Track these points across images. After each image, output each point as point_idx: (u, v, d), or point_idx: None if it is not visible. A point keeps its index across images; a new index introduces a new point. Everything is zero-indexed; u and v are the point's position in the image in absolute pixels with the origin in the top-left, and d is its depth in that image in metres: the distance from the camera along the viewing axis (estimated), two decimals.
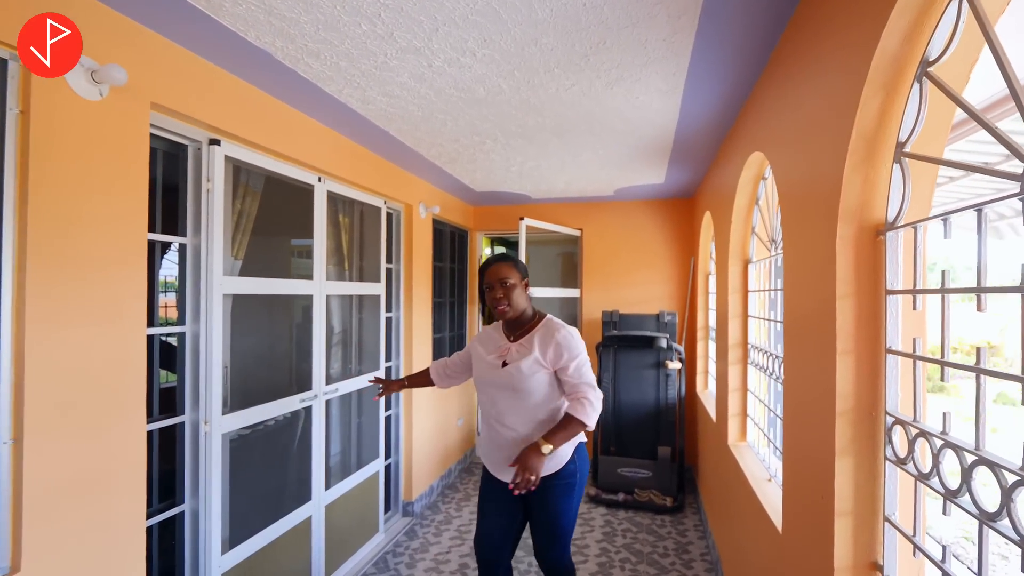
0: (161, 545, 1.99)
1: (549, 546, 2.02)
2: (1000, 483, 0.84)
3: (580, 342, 1.96)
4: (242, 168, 2.30)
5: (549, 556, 2.04)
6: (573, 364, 1.90)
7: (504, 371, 1.96)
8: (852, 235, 1.25)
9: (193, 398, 2.05)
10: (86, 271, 1.55)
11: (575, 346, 1.92)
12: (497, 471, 2.04)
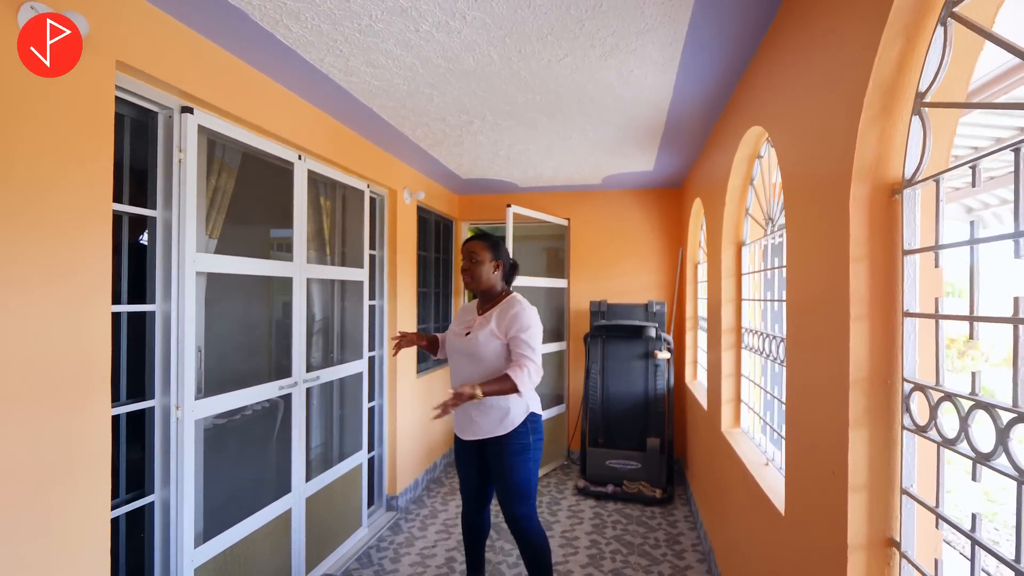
0: (129, 538, 1.85)
1: (508, 502, 2.25)
2: None
3: (533, 319, 2.19)
4: (217, 142, 2.18)
5: (511, 514, 2.26)
6: (521, 336, 2.13)
7: (466, 339, 2.24)
8: (866, 195, 1.19)
9: (164, 381, 1.92)
10: (43, 237, 1.42)
11: (526, 321, 2.16)
12: (461, 431, 2.32)
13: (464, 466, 2.40)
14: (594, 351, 4.21)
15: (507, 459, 2.22)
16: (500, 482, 2.26)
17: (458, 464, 2.43)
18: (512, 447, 2.22)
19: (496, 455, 2.24)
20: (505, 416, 2.21)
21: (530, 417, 2.26)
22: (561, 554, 3.04)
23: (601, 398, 4.16)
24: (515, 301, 2.25)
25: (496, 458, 2.25)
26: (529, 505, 2.27)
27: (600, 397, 4.16)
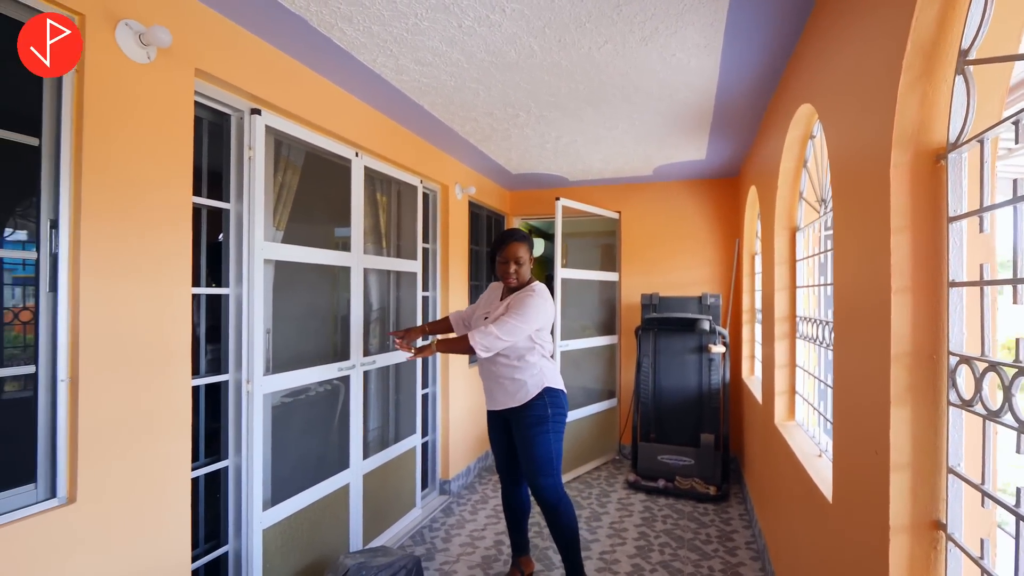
0: (207, 497, 2.06)
1: (530, 472, 2.37)
2: None
3: (538, 309, 2.30)
4: (283, 142, 2.37)
5: (534, 484, 2.36)
6: (512, 312, 2.28)
7: (485, 321, 2.36)
8: (908, 162, 1.15)
9: (236, 358, 2.12)
10: (134, 228, 1.62)
11: (528, 306, 2.29)
12: (488, 402, 2.52)
13: (494, 440, 2.57)
14: (645, 345, 4.16)
15: (525, 431, 2.36)
16: (522, 453, 2.39)
17: (490, 438, 2.60)
18: (529, 419, 2.36)
19: (517, 426, 2.40)
20: (520, 388, 2.36)
21: (546, 391, 2.38)
22: (609, 544, 3.04)
23: (653, 392, 4.11)
24: (533, 289, 2.39)
25: (517, 429, 2.40)
26: (552, 475, 2.36)
27: (651, 391, 4.11)
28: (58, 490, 1.46)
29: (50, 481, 1.46)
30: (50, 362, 1.46)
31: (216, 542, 2.11)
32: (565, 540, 2.37)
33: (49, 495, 1.46)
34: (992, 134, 0.97)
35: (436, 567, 2.77)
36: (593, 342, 4.35)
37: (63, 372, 1.47)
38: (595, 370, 4.48)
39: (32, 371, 1.45)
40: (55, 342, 1.46)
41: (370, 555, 2.34)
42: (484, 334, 2.22)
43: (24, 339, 1.52)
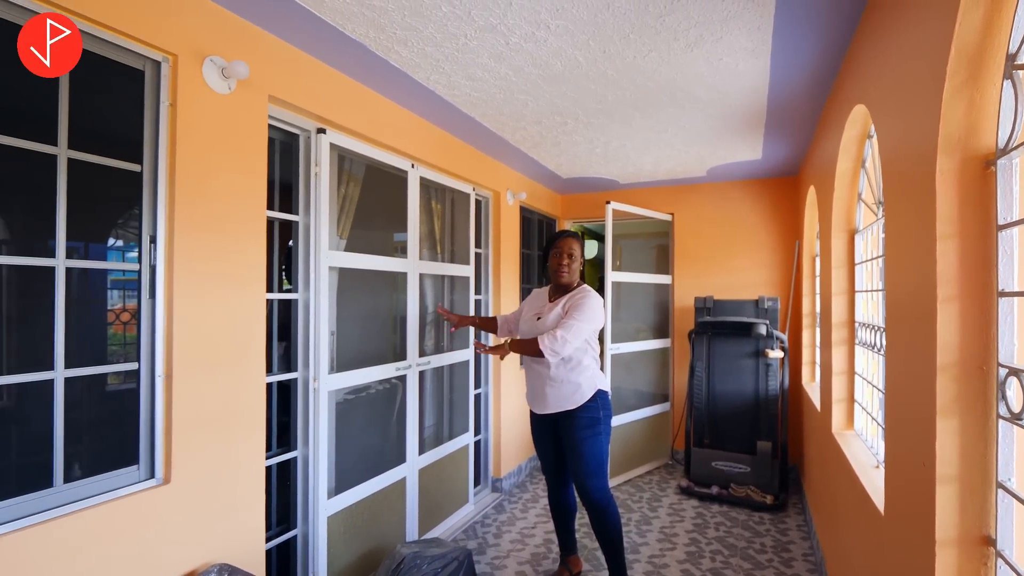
0: (279, 484, 2.26)
1: (580, 474, 2.39)
2: None
3: (595, 310, 2.37)
4: (345, 157, 2.55)
5: (583, 486, 2.38)
6: (574, 314, 2.32)
7: (538, 322, 2.46)
8: (954, 168, 1.12)
9: (304, 358, 2.31)
10: (217, 240, 1.83)
11: (587, 308, 2.34)
12: (535, 405, 2.53)
13: (540, 441, 2.60)
14: (699, 349, 4.09)
15: (578, 432, 2.38)
16: (572, 455, 2.41)
17: (535, 441, 2.63)
18: (583, 420, 2.38)
19: (568, 429, 2.41)
20: (576, 390, 2.38)
21: (599, 393, 2.42)
22: (658, 548, 3.04)
23: (706, 397, 4.04)
24: (586, 290, 2.46)
25: (568, 432, 2.41)
26: (601, 478, 2.40)
27: (705, 396, 4.04)
28: (156, 472, 1.68)
29: (149, 464, 1.68)
30: (149, 360, 1.68)
31: (287, 526, 2.31)
32: (611, 542, 2.40)
33: (148, 476, 1.67)
34: None
35: (487, 561, 2.88)
36: (645, 345, 4.33)
37: (160, 369, 1.68)
38: (647, 373, 4.45)
39: (135, 367, 1.67)
40: (153, 342, 1.68)
41: (425, 546, 2.47)
42: (553, 339, 2.25)
43: (124, 337, 1.75)
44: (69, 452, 1.51)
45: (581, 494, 2.42)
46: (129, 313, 1.73)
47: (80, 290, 1.63)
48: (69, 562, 1.42)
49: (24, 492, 1.41)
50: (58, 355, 1.49)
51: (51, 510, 1.43)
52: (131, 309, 1.72)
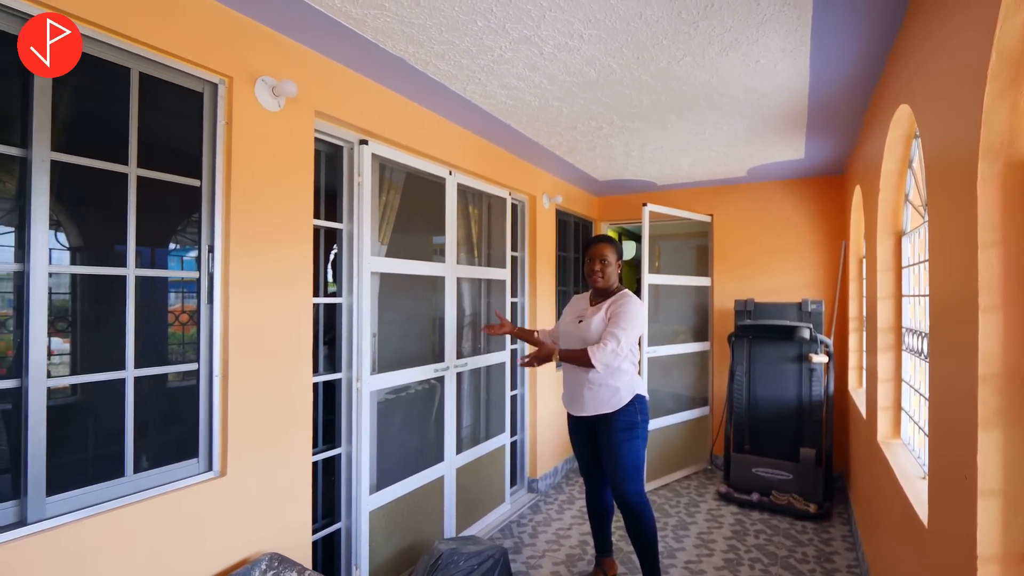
0: (325, 479, 2.38)
1: (617, 478, 2.40)
2: None
3: (638, 315, 2.38)
4: (386, 165, 2.65)
5: (620, 489, 2.39)
6: (619, 323, 2.33)
7: (580, 326, 2.48)
8: (997, 174, 1.10)
9: (348, 359, 2.43)
10: (268, 248, 1.95)
11: (630, 315, 2.35)
12: (572, 407, 2.54)
13: (577, 443, 2.62)
14: (739, 352, 4.02)
15: (615, 435, 2.39)
16: (609, 457, 2.42)
17: (573, 443, 2.65)
18: (620, 423, 2.39)
19: (605, 432, 2.42)
20: (614, 394, 2.39)
21: (637, 398, 2.42)
22: (695, 554, 3.01)
23: (747, 402, 3.96)
24: (629, 296, 2.46)
25: (605, 435, 2.42)
26: (637, 481, 2.40)
27: (745, 401, 3.96)
28: (213, 464, 1.81)
29: (208, 457, 1.81)
30: (208, 360, 1.81)
31: (331, 519, 2.43)
32: (645, 546, 2.41)
33: (207, 468, 1.81)
34: None
35: (523, 560, 2.93)
36: (684, 348, 4.28)
37: (217, 369, 1.81)
38: (686, 377, 4.40)
39: (195, 368, 1.80)
40: (211, 344, 1.81)
41: (462, 543, 2.55)
42: (603, 351, 2.27)
43: (182, 336, 1.88)
44: (137, 445, 1.66)
45: (617, 497, 2.42)
46: (187, 315, 1.87)
47: (146, 295, 1.78)
48: (138, 545, 1.56)
49: (99, 481, 1.56)
50: (128, 355, 1.63)
51: (123, 497, 1.58)
52: (189, 310, 1.85)
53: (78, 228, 1.64)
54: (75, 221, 1.63)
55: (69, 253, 1.62)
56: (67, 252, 1.61)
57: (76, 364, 1.61)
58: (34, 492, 1.42)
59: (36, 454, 1.43)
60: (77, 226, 1.64)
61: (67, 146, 1.50)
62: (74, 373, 1.59)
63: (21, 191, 1.44)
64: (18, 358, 1.43)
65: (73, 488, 1.50)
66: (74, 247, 1.63)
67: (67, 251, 1.61)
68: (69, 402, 1.60)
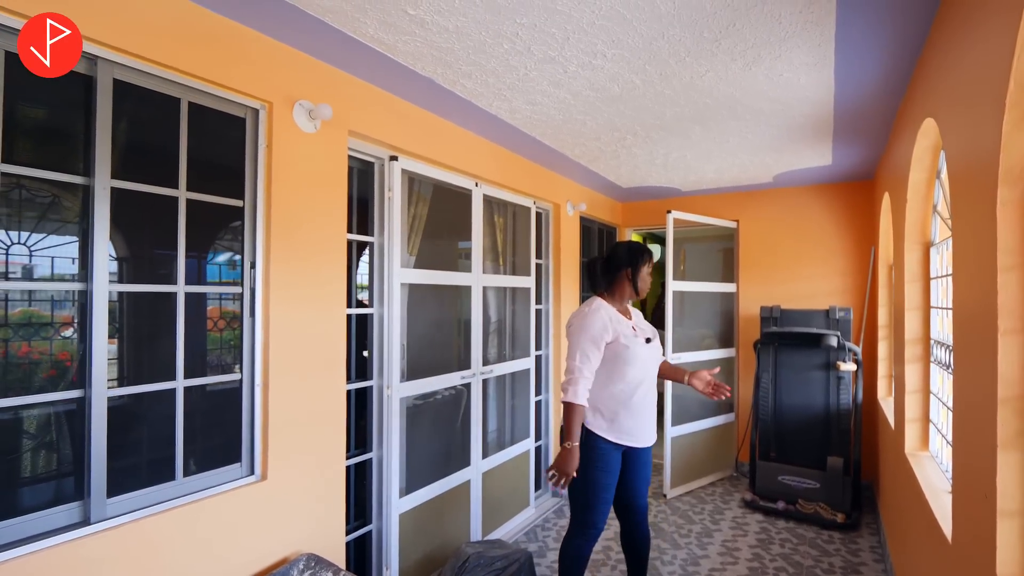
0: (357, 483, 2.49)
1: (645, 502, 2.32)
2: None
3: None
4: (415, 179, 2.75)
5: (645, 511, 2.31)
6: None
7: (654, 345, 2.26)
8: (1016, 199, 1.11)
9: (379, 368, 2.52)
10: (306, 262, 2.05)
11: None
12: (644, 437, 2.22)
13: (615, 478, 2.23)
14: (765, 359, 3.99)
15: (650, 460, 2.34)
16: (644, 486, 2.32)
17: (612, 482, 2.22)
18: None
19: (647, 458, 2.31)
20: None
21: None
22: (719, 562, 3.02)
23: (773, 409, 3.93)
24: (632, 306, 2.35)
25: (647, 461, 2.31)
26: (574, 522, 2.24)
27: (771, 408, 3.93)
28: (255, 469, 1.92)
29: (250, 462, 1.92)
30: (250, 370, 1.92)
31: (363, 521, 2.53)
32: None
33: (249, 472, 1.92)
34: None
35: (547, 564, 2.98)
36: (709, 355, 4.27)
37: (259, 378, 1.92)
38: None
39: (238, 377, 1.92)
40: (253, 354, 1.92)
41: (488, 546, 2.62)
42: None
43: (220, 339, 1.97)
44: (186, 450, 1.77)
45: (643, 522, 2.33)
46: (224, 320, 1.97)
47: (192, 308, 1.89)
48: (187, 544, 1.67)
49: (153, 483, 1.68)
50: (179, 366, 1.75)
51: (175, 499, 1.69)
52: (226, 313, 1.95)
53: (132, 247, 1.77)
54: (129, 241, 1.75)
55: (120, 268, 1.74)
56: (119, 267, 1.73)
57: (130, 373, 1.74)
58: (96, 494, 1.54)
59: (98, 458, 1.55)
60: (130, 246, 1.77)
61: (124, 173, 1.62)
62: (129, 383, 1.72)
63: (84, 215, 1.57)
64: (82, 369, 1.55)
65: (131, 490, 1.62)
66: (128, 264, 1.75)
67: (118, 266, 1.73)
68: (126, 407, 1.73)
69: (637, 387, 2.16)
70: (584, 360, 2.09)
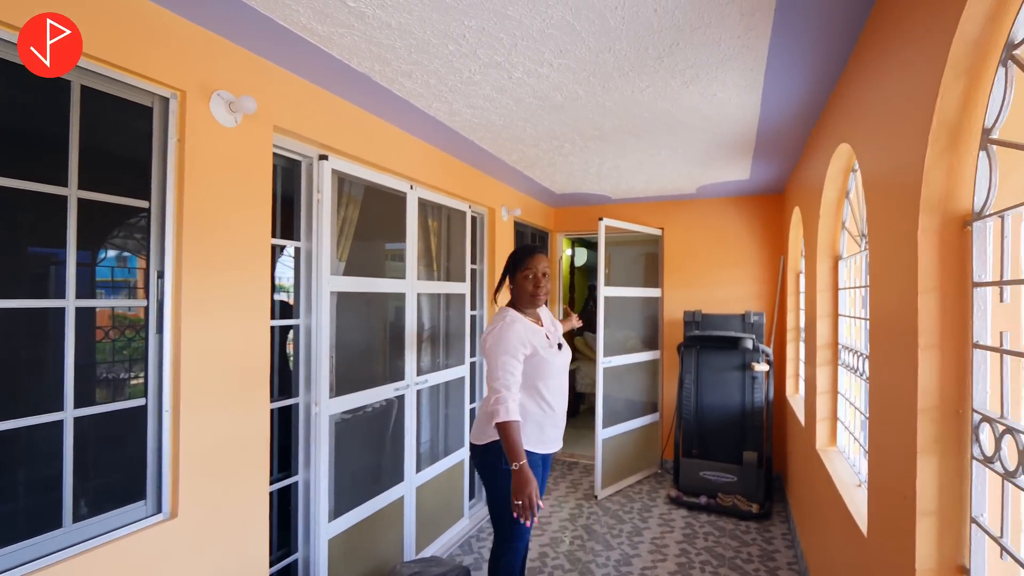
0: (281, 508, 2.29)
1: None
2: None
3: None
4: (346, 179, 2.58)
5: None
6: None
7: (565, 350, 2.27)
8: (936, 226, 1.21)
9: (306, 383, 2.34)
10: (224, 270, 1.85)
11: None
12: (555, 441, 2.21)
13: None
14: (688, 361, 4.20)
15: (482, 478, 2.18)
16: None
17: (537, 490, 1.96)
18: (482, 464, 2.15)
19: (548, 468, 2.34)
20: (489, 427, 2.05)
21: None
22: (650, 560, 3.13)
23: (695, 408, 4.14)
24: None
25: (547, 471, 2.34)
26: (499, 539, 2.16)
27: (694, 407, 4.14)
28: (163, 506, 1.70)
29: (156, 498, 1.69)
30: (157, 395, 1.70)
31: (287, 550, 2.34)
32: None
33: (156, 511, 1.69)
34: (1014, 212, 1.03)
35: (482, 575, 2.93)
36: (635, 357, 4.42)
37: (167, 403, 1.71)
38: (637, 384, 4.55)
39: (143, 403, 1.69)
40: (161, 377, 1.70)
41: (423, 564, 2.52)
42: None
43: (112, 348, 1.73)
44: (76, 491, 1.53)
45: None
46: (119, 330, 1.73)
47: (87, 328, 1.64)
48: None
49: (33, 535, 1.43)
50: (67, 394, 1.51)
51: (63, 550, 1.45)
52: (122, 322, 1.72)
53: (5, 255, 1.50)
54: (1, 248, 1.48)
55: None
56: None
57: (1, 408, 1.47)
58: None
59: None
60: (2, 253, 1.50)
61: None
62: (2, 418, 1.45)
63: None
64: None
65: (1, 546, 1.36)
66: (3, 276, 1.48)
67: None
68: None
69: (556, 395, 2.17)
70: (507, 376, 1.99)
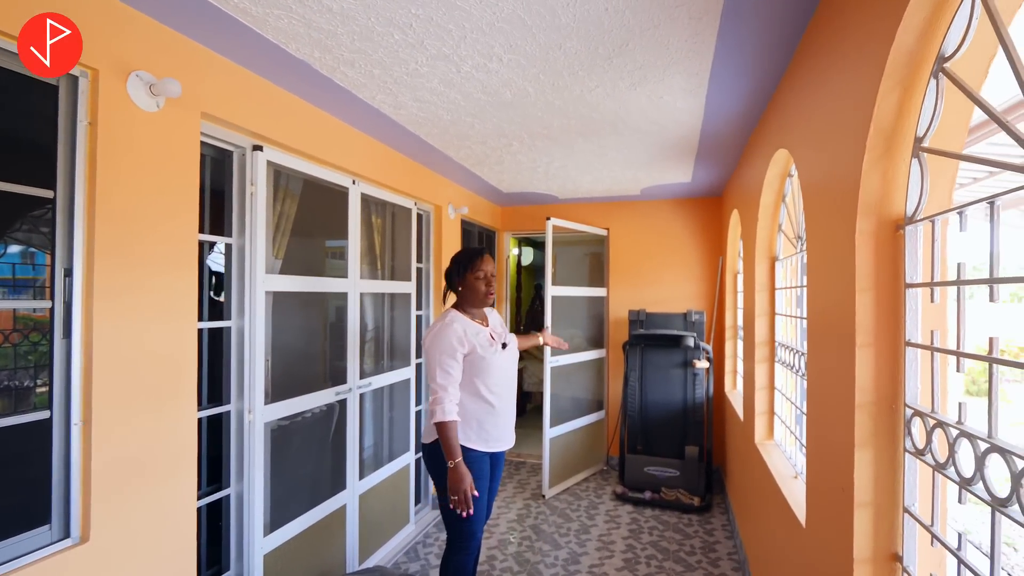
0: (209, 526, 2.12)
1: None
2: (1011, 470, 0.85)
3: None
4: (282, 172, 2.43)
5: None
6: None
7: (511, 350, 2.30)
8: (871, 229, 1.27)
9: (238, 388, 2.18)
10: (145, 268, 1.69)
11: None
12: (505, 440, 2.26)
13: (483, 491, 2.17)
14: (633, 359, 4.28)
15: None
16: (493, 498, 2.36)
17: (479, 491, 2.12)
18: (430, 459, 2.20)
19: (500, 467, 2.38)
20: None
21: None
22: (597, 557, 3.15)
23: (640, 406, 4.23)
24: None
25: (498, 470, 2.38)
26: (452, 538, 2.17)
27: (639, 405, 4.23)
28: (72, 530, 1.52)
29: (64, 522, 1.52)
30: (63, 407, 1.52)
31: (218, 568, 2.17)
32: None
33: (63, 535, 1.51)
34: (941, 217, 1.09)
35: None
36: (582, 356, 4.46)
37: (76, 416, 1.53)
38: (583, 383, 4.60)
39: (47, 416, 1.50)
40: (68, 387, 1.52)
41: (367, 575, 2.41)
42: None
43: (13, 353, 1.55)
44: None
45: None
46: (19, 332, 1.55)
47: None
48: None
49: None
50: None
51: None
52: (34, 338, 1.54)
53: None
54: None
55: None
56: None
57: None
58: None
59: None
60: None
61: None
62: None
63: None
64: None
65: None
66: None
67: None
68: None
69: (499, 394, 2.20)
70: (445, 376, 2.05)
